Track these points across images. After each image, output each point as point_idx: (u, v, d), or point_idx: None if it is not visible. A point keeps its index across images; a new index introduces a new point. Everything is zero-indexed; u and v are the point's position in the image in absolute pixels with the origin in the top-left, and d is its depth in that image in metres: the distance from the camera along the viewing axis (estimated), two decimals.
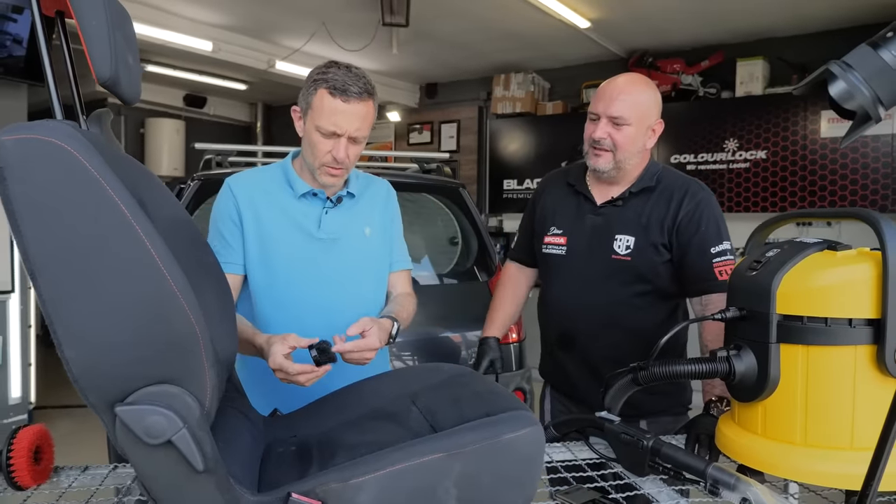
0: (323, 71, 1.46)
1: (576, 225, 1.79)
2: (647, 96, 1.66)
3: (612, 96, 1.63)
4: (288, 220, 1.55)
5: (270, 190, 1.57)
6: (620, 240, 1.70)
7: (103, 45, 0.91)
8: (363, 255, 1.61)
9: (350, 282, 1.59)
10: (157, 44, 5.12)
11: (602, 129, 1.64)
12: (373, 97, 1.48)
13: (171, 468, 0.83)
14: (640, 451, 1.29)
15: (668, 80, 5.74)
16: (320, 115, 1.44)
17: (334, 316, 1.46)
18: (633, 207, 1.71)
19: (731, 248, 1.64)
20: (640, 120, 1.64)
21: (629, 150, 1.66)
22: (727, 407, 1.45)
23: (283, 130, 8.11)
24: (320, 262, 1.55)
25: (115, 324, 0.80)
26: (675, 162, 5.71)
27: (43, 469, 1.20)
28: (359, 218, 1.62)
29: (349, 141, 1.47)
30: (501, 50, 5.95)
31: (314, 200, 1.58)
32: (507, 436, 0.93)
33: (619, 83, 1.66)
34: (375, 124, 1.65)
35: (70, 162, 0.78)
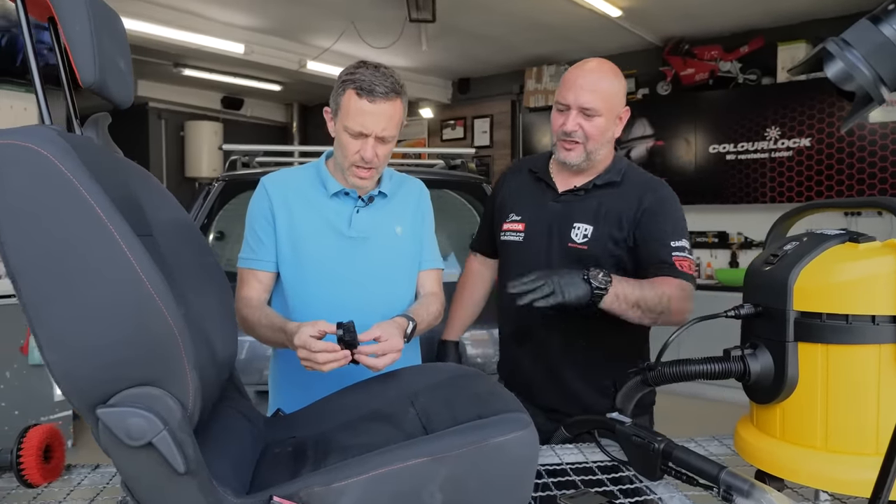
0: (351, 71, 1.46)
1: (535, 212, 1.74)
2: (616, 84, 1.61)
3: (583, 86, 1.57)
4: (320, 218, 1.56)
5: (304, 189, 1.59)
6: (578, 228, 1.65)
7: (87, 49, 0.91)
8: (394, 253, 1.61)
9: (380, 280, 1.58)
10: (191, 48, 5.23)
11: (573, 120, 1.58)
12: (400, 96, 1.47)
13: (152, 470, 0.83)
14: (651, 455, 1.24)
15: (705, 68, 5.58)
16: (347, 115, 1.45)
17: (364, 314, 1.44)
18: (595, 198, 1.66)
19: (689, 248, 1.62)
20: (610, 110, 1.59)
21: (599, 141, 1.61)
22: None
23: (318, 130, 8.18)
24: (350, 260, 1.56)
25: (92, 327, 0.80)
26: (713, 152, 5.56)
27: (53, 467, 1.22)
28: (390, 217, 1.61)
29: (377, 141, 1.46)
30: (532, 42, 5.87)
31: (346, 199, 1.58)
32: (496, 439, 0.90)
33: (589, 72, 1.59)
34: (408, 121, 1.64)
35: (45, 166, 0.78)
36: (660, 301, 1.47)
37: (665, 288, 1.50)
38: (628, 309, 1.45)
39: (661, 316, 1.49)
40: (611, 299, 1.42)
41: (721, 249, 5.83)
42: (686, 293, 1.54)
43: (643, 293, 1.46)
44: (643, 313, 1.47)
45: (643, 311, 1.46)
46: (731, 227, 5.79)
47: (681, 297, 1.51)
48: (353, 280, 1.56)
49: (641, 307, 1.46)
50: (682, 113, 5.73)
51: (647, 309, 1.46)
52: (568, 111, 1.59)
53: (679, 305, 1.51)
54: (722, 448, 1.44)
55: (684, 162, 5.75)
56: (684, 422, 4.26)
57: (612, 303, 1.42)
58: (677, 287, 1.52)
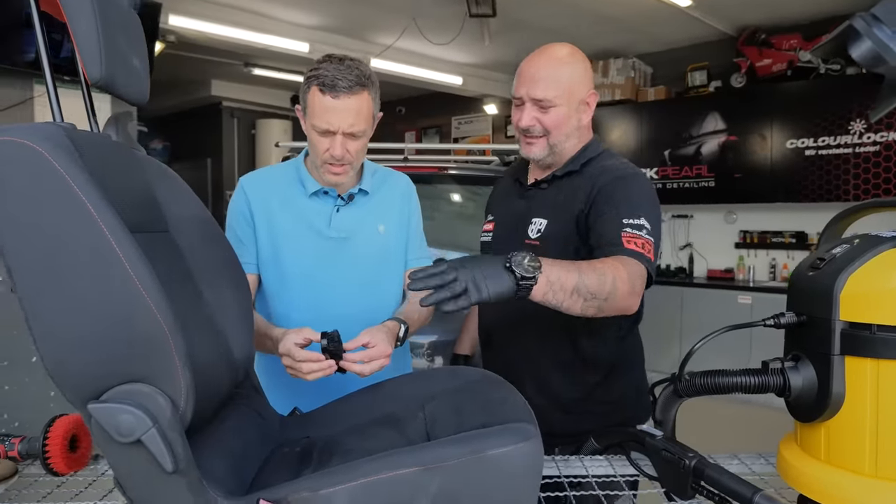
0: (315, 67, 1.42)
1: (503, 210, 1.66)
2: (571, 69, 1.46)
3: (533, 76, 1.44)
4: (299, 218, 1.53)
5: (283, 188, 1.56)
6: (534, 223, 1.52)
7: (92, 46, 0.92)
8: (377, 253, 1.57)
9: (363, 280, 1.55)
10: (259, 48, 5.36)
11: (528, 114, 1.46)
12: (367, 88, 1.42)
13: (141, 467, 0.83)
14: (681, 472, 1.16)
15: (783, 58, 5.28)
16: (313, 113, 1.42)
17: (348, 315, 1.43)
18: (556, 190, 1.53)
19: (650, 227, 1.35)
20: (569, 97, 1.45)
21: (562, 132, 1.47)
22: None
23: (384, 127, 8.25)
24: (332, 260, 1.53)
25: (82, 322, 0.81)
26: (791, 147, 5.25)
27: (79, 457, 1.25)
28: (372, 215, 1.57)
29: (346, 137, 1.42)
30: (597, 35, 5.71)
31: (325, 199, 1.55)
32: (493, 451, 0.85)
33: (538, 60, 1.46)
34: (472, 118, 1.61)
35: (40, 163, 0.79)
36: (602, 283, 1.20)
37: (608, 268, 1.22)
38: (566, 298, 1.16)
39: (607, 302, 1.21)
40: (542, 289, 1.14)
41: (798, 250, 5.50)
42: (635, 274, 1.27)
43: (582, 277, 1.18)
44: (586, 302, 1.19)
45: (585, 298, 1.18)
46: (810, 227, 5.46)
47: (628, 279, 1.24)
48: (334, 281, 1.53)
49: (582, 293, 1.18)
50: (758, 106, 5.43)
51: (590, 295, 1.19)
52: (523, 105, 1.47)
53: (626, 287, 1.23)
54: (767, 467, 1.34)
55: (759, 158, 5.46)
56: (729, 429, 4.04)
57: (546, 293, 1.14)
58: (623, 266, 1.25)
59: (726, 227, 5.92)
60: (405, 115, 8.19)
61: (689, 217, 6.11)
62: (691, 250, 6.10)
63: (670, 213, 6.15)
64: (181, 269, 1.10)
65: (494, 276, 1.09)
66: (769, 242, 5.67)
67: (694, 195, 5.82)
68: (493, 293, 1.07)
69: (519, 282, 1.10)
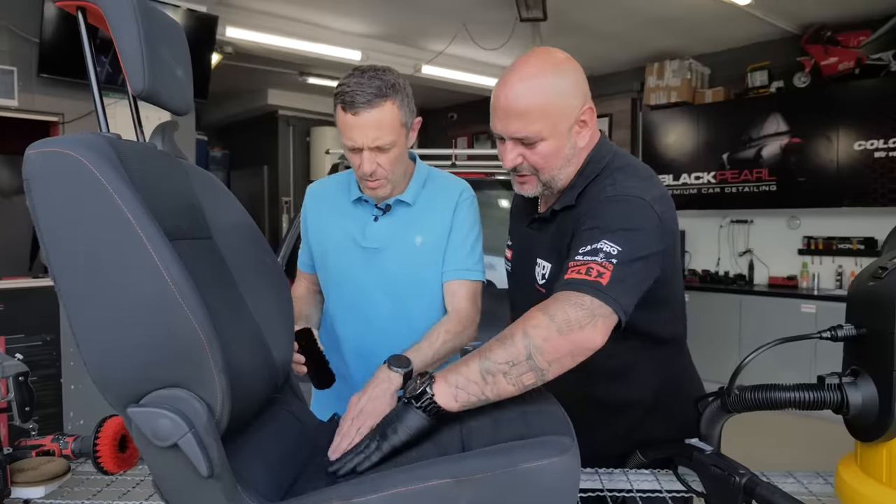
0: (341, 82, 1.40)
1: (517, 238, 1.49)
2: (553, 91, 1.20)
3: (507, 111, 1.20)
4: (341, 226, 1.56)
5: (335, 196, 1.59)
6: (539, 265, 1.34)
7: (136, 59, 0.94)
8: (410, 265, 1.53)
9: (390, 293, 1.53)
10: (313, 57, 5.47)
11: (511, 153, 1.24)
12: (389, 98, 1.38)
13: (178, 471, 0.85)
14: (731, 489, 1.11)
15: (851, 56, 5.04)
16: (341, 130, 1.42)
17: (379, 326, 1.43)
18: (556, 226, 1.32)
19: (616, 251, 1.09)
20: (555, 126, 1.21)
21: (554, 166, 1.26)
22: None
23: (437, 134, 8.31)
24: (362, 271, 1.53)
25: (122, 329, 0.83)
26: (859, 149, 5.00)
27: (128, 457, 1.29)
28: (409, 226, 1.54)
29: (373, 151, 1.41)
30: (653, 37, 5.58)
31: (365, 207, 1.56)
32: (527, 465, 0.83)
33: (509, 88, 1.20)
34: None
35: (83, 173, 0.82)
36: (512, 346, 0.99)
37: (513, 328, 1.01)
38: (484, 387, 0.99)
39: (542, 356, 0.98)
40: (448, 394, 0.99)
41: (867, 257, 5.23)
42: (558, 310, 1.01)
43: (484, 356, 1.00)
44: (509, 376, 0.99)
45: (504, 373, 0.98)
46: (879, 233, 5.18)
47: (548, 321, 1.00)
48: (366, 291, 1.53)
49: (497, 370, 0.98)
50: (823, 107, 5.20)
51: (507, 365, 0.98)
52: (504, 142, 1.26)
53: (549, 331, 0.99)
54: (826, 487, 1.26)
55: (824, 161, 5.22)
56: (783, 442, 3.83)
57: (456, 395, 0.99)
58: (538, 311, 1.02)
59: (789, 233, 5.68)
60: (457, 121, 8.21)
61: (749, 222, 5.90)
62: (751, 256, 5.88)
63: (729, 218, 5.95)
64: (223, 275, 1.12)
65: (402, 418, 1.02)
66: (835, 249, 5.41)
67: (754, 199, 5.62)
68: (410, 432, 1.00)
69: (417, 406, 1.00)
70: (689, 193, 5.95)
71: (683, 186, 6.01)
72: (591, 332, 0.99)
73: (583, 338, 0.99)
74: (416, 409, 1.01)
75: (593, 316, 1.00)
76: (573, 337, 0.99)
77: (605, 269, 1.06)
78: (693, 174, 5.97)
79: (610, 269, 1.06)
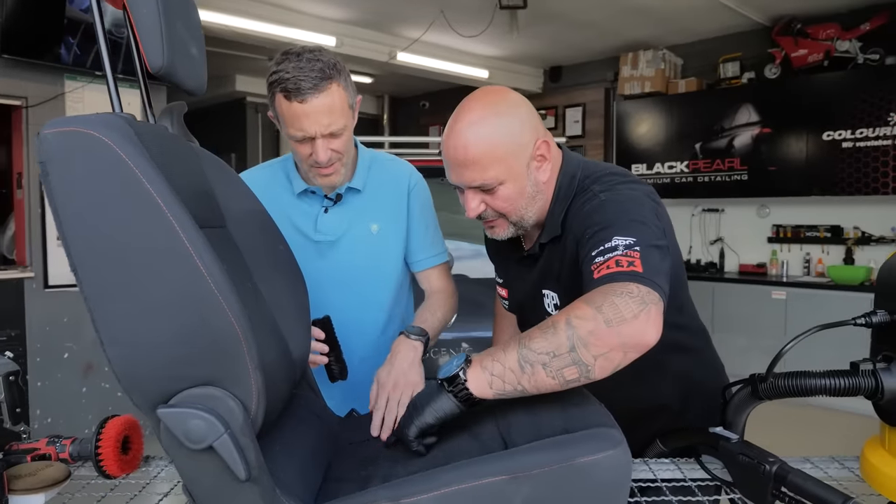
0: (275, 70, 1.30)
1: (511, 275, 1.44)
2: (501, 132, 1.14)
3: (458, 161, 1.15)
4: (286, 221, 1.45)
5: (270, 188, 1.47)
6: (547, 296, 1.31)
7: (154, 34, 0.87)
8: (369, 255, 1.49)
9: (354, 285, 1.48)
10: (285, 42, 5.32)
11: (473, 202, 1.19)
12: (333, 79, 1.30)
13: (213, 475, 0.79)
14: (761, 477, 1.10)
15: (820, 48, 5.14)
16: (285, 122, 1.33)
17: (340, 320, 1.35)
18: (549, 257, 1.28)
19: (631, 241, 1.03)
20: (510, 167, 1.16)
21: (520, 206, 1.20)
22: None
23: (409, 122, 8.22)
24: (320, 266, 1.45)
25: (153, 322, 0.77)
26: (827, 139, 5.11)
27: (131, 458, 1.21)
28: (363, 214, 1.49)
29: (326, 139, 1.33)
30: (628, 27, 5.60)
31: (313, 199, 1.48)
32: (583, 459, 0.80)
33: (459, 139, 1.14)
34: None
35: (107, 154, 0.75)
36: (554, 336, 0.91)
37: (555, 317, 0.94)
38: (521, 376, 0.91)
39: (587, 350, 0.89)
40: (483, 381, 0.93)
41: (834, 245, 5.37)
42: (605, 300, 0.93)
43: (523, 345, 0.92)
44: (548, 367, 0.90)
45: (543, 363, 0.90)
46: (846, 221, 5.32)
47: (594, 312, 0.91)
48: (324, 285, 1.45)
49: (536, 360, 0.90)
50: (793, 97, 5.30)
51: (547, 356, 0.90)
52: (463, 192, 1.21)
53: (596, 323, 0.90)
54: (843, 472, 1.27)
55: (794, 151, 5.33)
56: (794, 432, 3.94)
57: (491, 383, 0.92)
58: (581, 303, 0.94)
59: (759, 222, 5.79)
60: (429, 110, 8.14)
61: (721, 211, 6.00)
62: (722, 245, 5.98)
63: (701, 206, 6.04)
64: (240, 265, 1.06)
65: (430, 398, 0.98)
66: (803, 237, 5.54)
67: (725, 189, 5.71)
68: (429, 414, 0.96)
69: (448, 389, 0.95)
70: (662, 182, 6.02)
71: (657, 176, 6.07)
72: (645, 324, 0.90)
73: (635, 330, 0.89)
74: (447, 393, 0.95)
75: (645, 303, 0.91)
76: (624, 329, 0.89)
77: (633, 258, 1.00)
78: (666, 163, 6.04)
79: (637, 257, 1.00)
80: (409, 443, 0.96)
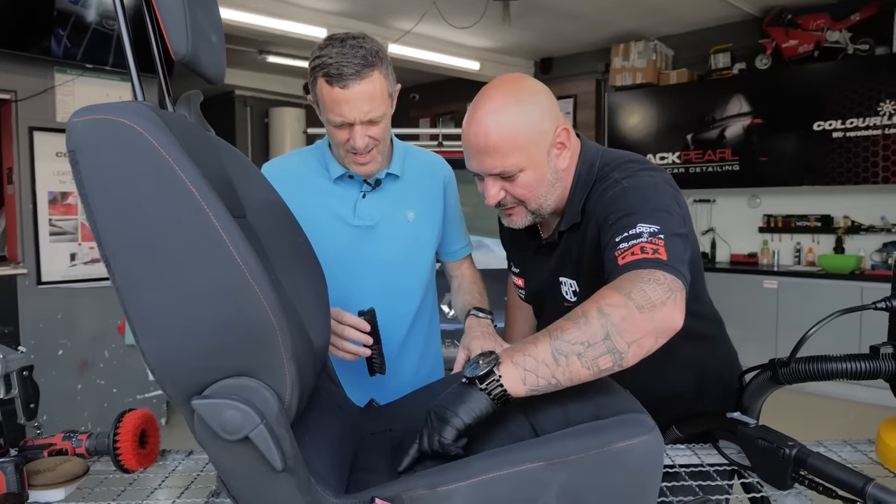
0: (318, 54, 1.31)
1: (527, 265, 1.45)
2: (522, 120, 1.15)
3: (480, 148, 1.16)
4: (322, 206, 1.46)
5: (305, 175, 1.48)
6: (565, 283, 1.31)
7: (179, 21, 0.86)
8: (406, 241, 1.50)
9: (391, 271, 1.49)
10: (276, 34, 5.28)
11: (493, 189, 1.20)
12: (376, 66, 1.31)
13: (249, 466, 0.78)
14: (781, 461, 1.11)
15: (810, 39, 5.17)
16: (325, 106, 1.33)
17: (376, 306, 1.36)
18: (567, 244, 1.29)
19: (655, 228, 1.04)
20: (531, 155, 1.17)
21: (539, 194, 1.22)
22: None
23: (402, 113, 8.19)
24: (357, 251, 1.47)
25: (188, 312, 0.76)
26: (818, 129, 5.15)
27: (149, 452, 1.21)
28: (401, 201, 1.50)
29: (364, 125, 1.34)
30: (620, 18, 5.61)
31: (351, 184, 1.48)
32: (618, 444, 0.80)
33: (478, 125, 1.16)
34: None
35: (139, 142, 0.74)
36: (587, 325, 0.90)
37: (585, 306, 0.93)
38: (556, 369, 0.89)
39: (621, 337, 0.89)
40: (516, 377, 0.90)
41: (824, 234, 5.43)
42: (634, 286, 0.93)
43: (555, 336, 0.90)
44: (583, 361, 0.89)
45: (579, 354, 0.89)
46: (836, 210, 5.38)
47: (624, 299, 0.91)
48: (361, 272, 1.47)
49: (571, 351, 0.89)
50: (784, 88, 5.33)
51: (582, 346, 0.89)
52: (483, 179, 1.22)
53: (628, 309, 0.90)
54: (856, 454, 1.28)
55: (785, 141, 5.37)
56: (800, 419, 3.99)
57: (524, 378, 0.90)
58: (609, 290, 0.94)
59: (750, 212, 5.84)
60: (419, 102, 8.11)
61: (712, 201, 6.04)
62: (714, 235, 6.03)
63: (692, 197, 6.07)
64: (262, 257, 1.05)
65: (462, 397, 0.93)
66: (794, 226, 5.59)
67: (717, 179, 5.75)
68: (465, 414, 0.91)
69: (481, 387, 0.91)
70: None
71: None
72: (672, 310, 0.91)
73: (666, 315, 0.90)
74: (481, 392, 0.91)
75: (671, 290, 0.92)
76: (656, 315, 0.89)
77: (657, 245, 1.00)
78: (658, 154, 6.06)
79: (661, 245, 1.01)
80: (448, 447, 0.90)
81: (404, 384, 1.47)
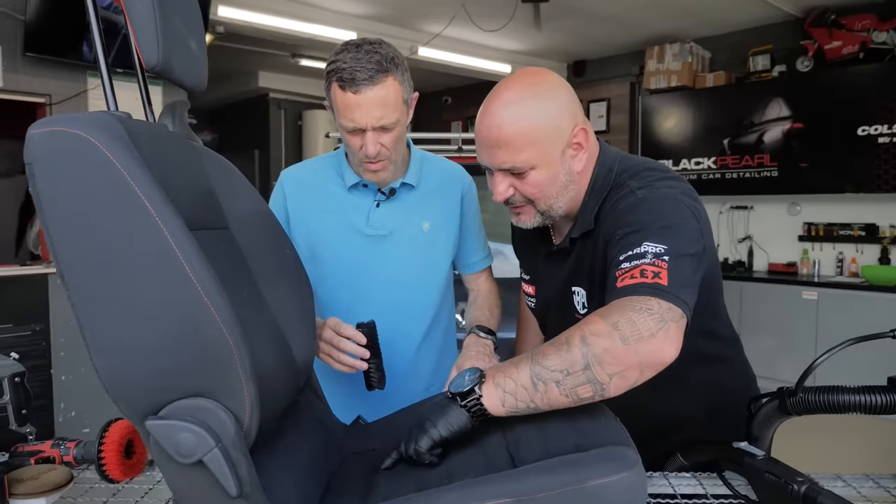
0: (333, 59, 1.30)
1: (540, 272, 1.37)
2: (539, 115, 1.09)
3: (491, 141, 1.11)
4: (336, 215, 1.44)
5: (321, 182, 1.47)
6: (576, 293, 1.25)
7: (148, 29, 0.84)
8: (420, 252, 1.46)
9: (403, 282, 1.45)
10: (306, 38, 5.32)
11: (501, 185, 1.15)
12: (390, 73, 1.28)
13: (203, 490, 0.76)
14: (789, 497, 1.03)
15: (855, 40, 4.97)
16: (338, 111, 1.32)
17: (387, 317, 1.34)
18: (580, 253, 1.23)
19: (661, 249, 0.98)
20: (545, 153, 1.11)
21: (550, 195, 1.15)
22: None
23: (432, 116, 8.17)
24: (369, 260, 1.44)
25: (142, 330, 0.73)
26: (863, 134, 4.94)
27: (135, 463, 1.19)
28: (416, 211, 1.47)
29: (376, 132, 1.31)
30: (654, 19, 5.48)
31: (365, 192, 1.46)
32: (595, 481, 0.75)
33: (491, 117, 1.11)
34: None
35: (93, 154, 0.72)
36: (568, 353, 0.87)
37: (569, 333, 0.90)
38: (534, 394, 0.87)
39: (588, 372, 0.86)
40: (495, 397, 0.90)
41: (868, 244, 5.20)
42: (622, 316, 0.89)
43: (536, 361, 0.89)
44: (562, 389, 0.87)
45: (557, 381, 0.87)
46: (881, 220, 5.15)
47: (609, 329, 0.87)
48: (372, 282, 1.44)
49: (549, 377, 0.87)
50: (826, 91, 5.13)
51: (561, 374, 0.87)
52: (493, 174, 1.16)
53: (612, 340, 0.87)
54: (878, 491, 1.20)
55: (827, 146, 5.17)
56: (823, 441, 3.80)
57: (503, 399, 0.89)
58: (597, 317, 0.91)
59: (790, 219, 5.64)
60: (451, 105, 8.08)
61: (749, 208, 5.85)
62: (751, 243, 5.84)
63: (729, 204, 5.90)
64: (242, 268, 1.03)
65: (441, 410, 0.94)
66: (836, 235, 5.38)
67: (755, 185, 5.56)
68: (443, 427, 0.92)
69: (462, 404, 0.92)
70: (689, 179, 5.83)
71: (683, 172, 5.94)
72: (663, 342, 0.86)
73: (653, 349, 0.86)
74: (460, 407, 0.93)
75: (664, 321, 0.88)
76: (641, 348, 0.85)
77: (660, 268, 0.95)
78: (693, 160, 5.91)
79: (665, 268, 0.95)
80: (422, 455, 0.93)
81: (417, 397, 1.44)
